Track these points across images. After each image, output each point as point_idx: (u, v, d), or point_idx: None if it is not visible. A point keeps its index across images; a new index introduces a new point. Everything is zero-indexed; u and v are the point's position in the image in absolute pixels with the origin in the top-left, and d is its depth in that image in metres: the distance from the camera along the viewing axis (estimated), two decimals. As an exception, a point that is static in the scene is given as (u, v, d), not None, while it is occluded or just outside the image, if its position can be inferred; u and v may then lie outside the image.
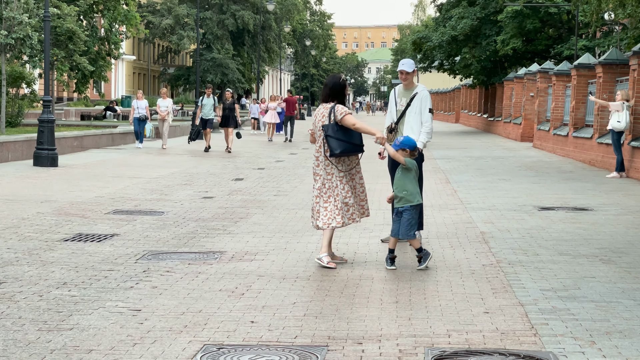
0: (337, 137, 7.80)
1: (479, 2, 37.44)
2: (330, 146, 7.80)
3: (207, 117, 24.32)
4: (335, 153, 7.80)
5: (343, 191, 7.90)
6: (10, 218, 10.53)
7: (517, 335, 5.53)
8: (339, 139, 7.80)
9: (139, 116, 25.36)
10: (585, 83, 22.18)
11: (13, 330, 5.54)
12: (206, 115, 24.31)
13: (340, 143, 7.80)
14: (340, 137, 7.81)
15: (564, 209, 11.94)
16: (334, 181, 7.91)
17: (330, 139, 7.81)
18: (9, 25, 22.23)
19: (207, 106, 24.34)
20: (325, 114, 7.96)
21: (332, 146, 7.79)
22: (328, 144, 7.84)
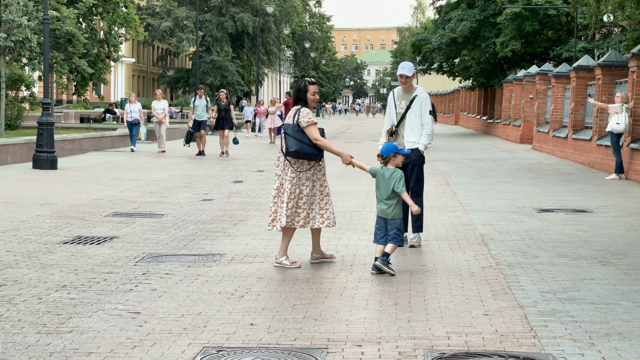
0: (294, 136, 7.79)
1: (478, 4, 37.48)
2: (287, 144, 7.79)
3: (200, 118, 23.68)
4: (290, 151, 7.76)
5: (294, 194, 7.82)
6: (10, 221, 10.53)
7: (517, 337, 5.53)
8: (296, 138, 7.78)
9: (132, 120, 24.80)
10: (585, 85, 22.20)
11: (12, 333, 5.54)
12: (199, 116, 23.67)
13: (297, 142, 7.77)
14: (297, 137, 7.79)
15: (564, 211, 11.95)
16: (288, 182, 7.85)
17: (287, 137, 7.81)
18: (8, 27, 22.23)
19: (200, 107, 23.67)
20: (291, 116, 8.00)
21: (288, 144, 7.77)
22: (285, 142, 7.83)
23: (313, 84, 8.06)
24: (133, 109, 24.90)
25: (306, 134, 7.80)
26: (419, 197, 9.24)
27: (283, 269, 7.83)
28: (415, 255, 8.60)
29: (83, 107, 48.73)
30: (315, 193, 7.95)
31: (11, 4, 22.24)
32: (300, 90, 8.05)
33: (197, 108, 23.60)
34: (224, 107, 23.74)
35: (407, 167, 9.16)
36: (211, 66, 70.30)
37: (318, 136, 7.82)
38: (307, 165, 7.88)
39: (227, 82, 72.06)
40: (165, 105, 25.33)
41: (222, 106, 23.76)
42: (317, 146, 7.85)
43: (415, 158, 9.12)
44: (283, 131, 7.95)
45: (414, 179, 9.17)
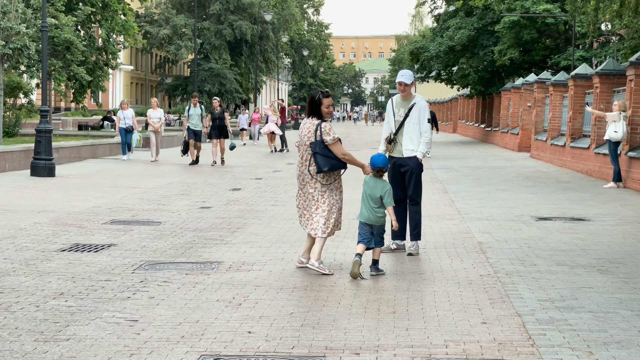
0: (324, 154, 7.97)
1: (476, 12, 37.55)
2: (319, 164, 7.98)
3: (194, 128, 22.74)
4: (323, 170, 7.97)
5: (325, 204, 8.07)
6: (7, 228, 10.52)
7: (515, 345, 5.52)
8: (325, 155, 7.97)
9: (126, 127, 24.05)
10: (583, 93, 22.23)
11: (10, 341, 5.52)
12: (194, 126, 22.74)
13: (327, 160, 7.97)
14: (326, 154, 7.98)
15: (562, 219, 11.95)
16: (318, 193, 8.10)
17: (318, 156, 7.97)
18: (6, 35, 22.24)
19: (194, 116, 22.77)
20: (312, 130, 8.08)
21: (320, 164, 7.96)
22: (316, 162, 8.00)
23: (327, 96, 8.19)
24: (126, 115, 24.21)
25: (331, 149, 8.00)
26: (416, 205, 9.25)
27: (280, 277, 7.82)
28: (414, 263, 8.59)
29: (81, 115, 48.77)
30: (338, 200, 8.19)
31: (10, 12, 22.25)
32: (314, 103, 8.15)
33: (191, 117, 22.76)
34: (218, 116, 23.01)
35: (405, 174, 9.17)
36: (209, 74, 70.35)
37: (345, 151, 8.07)
38: (334, 177, 8.13)
39: (225, 90, 72.09)
40: (161, 114, 24.74)
41: (216, 114, 23.02)
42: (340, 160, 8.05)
43: (413, 166, 9.13)
44: (311, 150, 8.04)
45: (412, 186, 9.17)
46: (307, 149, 8.13)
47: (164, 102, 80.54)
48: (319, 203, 8.12)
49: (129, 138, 24.18)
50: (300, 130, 8.25)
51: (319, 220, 8.08)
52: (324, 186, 8.09)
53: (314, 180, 8.11)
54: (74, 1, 34.78)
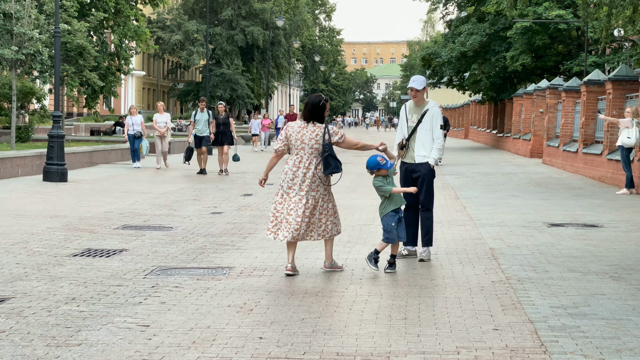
0: (334, 156, 8.18)
1: (488, 18, 37.50)
2: (331, 165, 8.14)
3: (201, 134, 21.78)
4: (336, 171, 8.18)
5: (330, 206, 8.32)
6: (20, 233, 10.56)
7: (527, 352, 5.49)
8: (336, 158, 8.19)
9: (134, 133, 23.35)
10: (595, 99, 22.15)
11: (22, 346, 5.53)
12: (200, 132, 21.77)
13: (338, 163, 8.21)
14: (335, 156, 8.21)
15: (574, 226, 11.90)
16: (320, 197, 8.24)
17: (330, 158, 8.13)
18: (19, 41, 22.36)
19: (201, 122, 21.79)
20: (320, 134, 8.19)
21: (333, 165, 8.15)
22: (328, 164, 8.14)
23: (327, 101, 8.43)
24: (135, 121, 23.56)
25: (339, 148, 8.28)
26: (428, 211, 9.23)
27: (291, 283, 7.82)
28: (425, 269, 8.57)
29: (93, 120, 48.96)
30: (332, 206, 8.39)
31: (23, 17, 22.37)
32: (318, 108, 8.27)
33: (198, 122, 21.82)
34: (223, 121, 21.78)
35: (417, 181, 9.16)
36: (221, 79, 70.53)
37: (357, 140, 8.54)
38: (336, 179, 8.46)
39: (236, 95, 72.24)
40: (168, 119, 23.77)
41: (221, 120, 21.80)
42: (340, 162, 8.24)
43: (425, 172, 9.11)
44: (325, 153, 8.15)
45: (423, 193, 9.15)
46: (313, 153, 8.18)
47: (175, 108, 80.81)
48: (327, 205, 8.27)
49: (137, 145, 23.58)
50: (296, 134, 8.21)
51: (328, 223, 8.26)
52: (327, 189, 8.27)
53: (317, 184, 8.19)
54: (87, 7, 34.95)
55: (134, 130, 23.30)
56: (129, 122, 23.63)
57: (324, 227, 8.24)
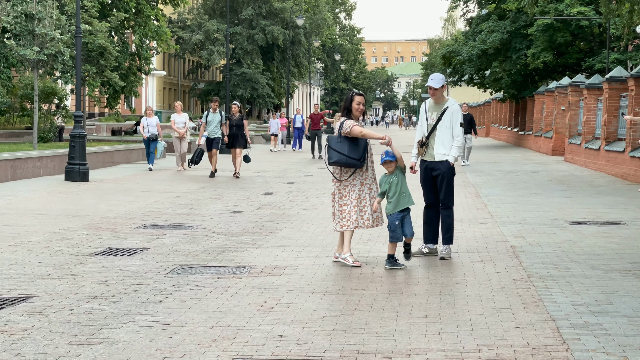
0: (335, 148, 8.57)
1: (509, 15, 37.31)
2: (328, 155, 8.66)
3: (212, 135, 20.52)
4: (330, 162, 8.64)
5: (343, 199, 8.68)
6: (42, 232, 10.63)
7: (549, 350, 5.45)
8: (336, 150, 8.56)
9: (150, 135, 22.56)
10: (617, 96, 21.97)
11: (44, 344, 5.57)
12: (212, 133, 20.51)
13: (336, 154, 8.57)
14: (338, 149, 8.57)
15: (596, 223, 11.81)
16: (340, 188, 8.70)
17: (329, 149, 8.62)
18: (41, 41, 22.50)
19: (213, 123, 20.49)
20: (336, 127, 8.79)
21: (329, 155, 8.64)
22: (327, 153, 8.68)
23: (360, 95, 8.78)
24: (150, 123, 22.70)
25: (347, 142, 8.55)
26: (448, 209, 9.19)
27: (312, 281, 7.82)
28: (446, 267, 8.54)
29: (115, 120, 49.20)
30: (365, 196, 8.65)
31: (44, 18, 22.52)
32: (347, 100, 8.79)
33: (209, 123, 20.53)
34: (236, 122, 20.28)
35: (437, 179, 9.13)
36: (241, 79, 70.67)
37: (361, 129, 8.59)
38: (348, 173, 8.64)
39: (257, 95, 72.36)
40: (186, 119, 22.95)
41: (234, 121, 20.30)
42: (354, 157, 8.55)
43: (444, 170, 9.08)
44: (327, 144, 8.71)
45: (443, 190, 9.12)
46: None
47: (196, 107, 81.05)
48: (337, 198, 8.72)
49: (152, 147, 22.74)
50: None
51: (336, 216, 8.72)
52: (336, 182, 8.69)
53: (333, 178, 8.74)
54: (107, 7, 35.12)
55: (149, 133, 22.57)
56: (144, 124, 22.90)
57: (335, 219, 8.75)
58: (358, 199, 8.60)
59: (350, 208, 8.58)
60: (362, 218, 8.60)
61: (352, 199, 8.59)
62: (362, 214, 8.60)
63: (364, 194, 8.64)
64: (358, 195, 8.61)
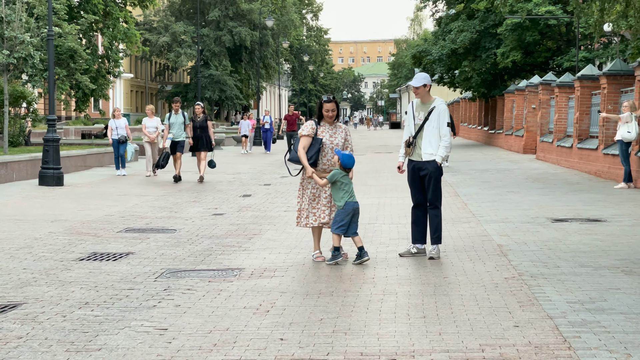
0: (294, 144, 9.06)
1: (478, 15, 37.51)
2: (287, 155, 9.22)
3: (176, 138, 19.53)
4: (287, 158, 9.17)
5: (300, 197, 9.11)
6: (23, 238, 10.47)
7: (551, 349, 5.46)
8: (294, 146, 9.03)
9: (118, 137, 21.72)
10: (589, 94, 22.19)
11: (41, 352, 5.47)
12: (176, 136, 19.52)
13: (293, 153, 9.02)
14: (295, 147, 9.02)
15: (578, 221, 11.89)
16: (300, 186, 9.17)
17: (293, 147, 9.08)
18: (11, 44, 22.20)
19: (176, 125, 19.53)
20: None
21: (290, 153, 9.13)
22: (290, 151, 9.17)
23: (330, 102, 8.98)
24: (119, 125, 21.92)
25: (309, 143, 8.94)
26: (436, 208, 9.19)
27: (304, 283, 7.78)
28: (436, 266, 8.54)
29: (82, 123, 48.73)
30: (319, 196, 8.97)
31: (13, 21, 22.22)
32: (318, 106, 9.14)
33: (172, 126, 19.53)
34: (200, 124, 19.43)
35: (425, 178, 9.12)
36: (210, 80, 70.39)
37: (299, 147, 8.92)
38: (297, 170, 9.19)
39: (225, 97, 72.11)
40: (158, 123, 22.04)
41: (198, 123, 19.45)
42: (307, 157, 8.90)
43: (432, 170, 9.07)
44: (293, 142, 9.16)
45: (431, 190, 9.11)
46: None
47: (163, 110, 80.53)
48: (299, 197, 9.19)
49: (122, 150, 21.82)
50: None
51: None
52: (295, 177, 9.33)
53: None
54: (75, 10, 34.78)
55: (118, 135, 21.76)
56: (112, 126, 22.08)
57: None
58: (312, 197, 8.94)
59: (302, 207, 8.99)
60: (315, 215, 8.93)
61: (306, 197, 8.98)
62: (314, 211, 8.93)
63: (318, 192, 8.96)
64: (312, 194, 8.94)
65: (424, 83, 9.16)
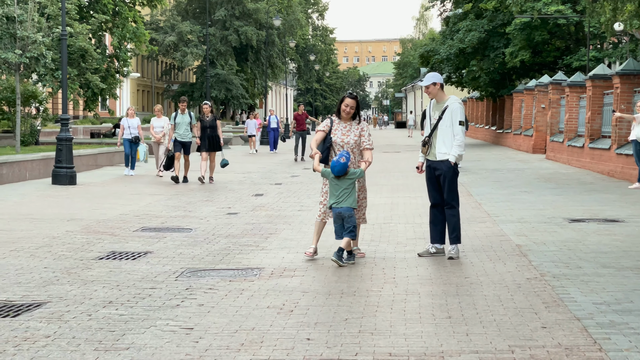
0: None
1: (486, 14, 37.47)
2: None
3: (182, 139, 18.86)
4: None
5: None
6: (41, 237, 10.47)
7: (582, 350, 5.44)
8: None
9: (131, 137, 21.19)
10: (601, 94, 22.12)
11: (70, 351, 5.46)
12: (182, 136, 18.86)
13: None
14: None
15: (595, 221, 11.85)
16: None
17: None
18: (23, 44, 22.22)
19: (182, 125, 18.86)
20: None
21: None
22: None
23: (351, 98, 9.12)
24: (132, 124, 21.38)
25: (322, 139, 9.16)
26: (453, 208, 9.12)
27: (325, 283, 7.77)
28: (456, 267, 8.52)
29: (90, 123, 48.77)
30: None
31: (26, 21, 22.24)
32: (339, 101, 9.24)
33: (179, 126, 18.84)
34: (209, 124, 18.79)
35: (440, 178, 9.10)
36: (216, 80, 70.41)
37: (313, 139, 9.24)
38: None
39: (231, 96, 72.15)
40: (166, 123, 21.07)
41: (207, 122, 18.80)
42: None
43: (445, 170, 9.03)
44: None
45: (446, 190, 9.08)
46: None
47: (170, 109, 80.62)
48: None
49: (134, 150, 21.30)
50: None
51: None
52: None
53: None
54: (84, 10, 34.81)
55: (131, 135, 21.21)
56: (124, 125, 21.45)
57: None
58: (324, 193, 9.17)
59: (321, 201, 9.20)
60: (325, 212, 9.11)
61: (323, 193, 9.19)
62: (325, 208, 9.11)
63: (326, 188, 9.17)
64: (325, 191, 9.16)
65: (433, 81, 9.10)
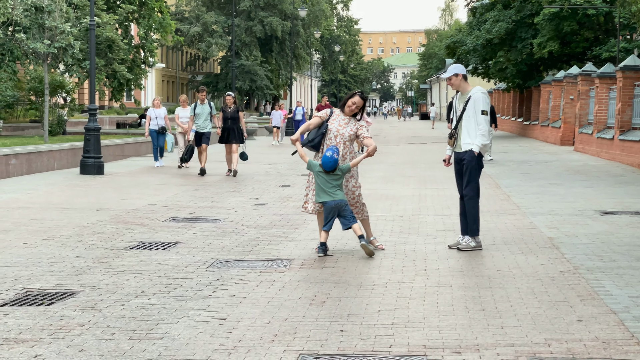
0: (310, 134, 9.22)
1: (514, 5, 37.14)
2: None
3: (202, 129, 18.63)
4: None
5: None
6: (71, 226, 10.52)
7: (620, 344, 5.37)
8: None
9: (157, 128, 20.79)
10: (632, 85, 21.86)
11: (105, 339, 5.47)
12: (201, 127, 18.60)
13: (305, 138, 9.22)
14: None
15: (627, 214, 11.72)
16: None
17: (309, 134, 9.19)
18: (51, 34, 22.33)
19: (202, 116, 18.60)
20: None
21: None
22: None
23: (360, 97, 9.01)
24: (158, 115, 20.89)
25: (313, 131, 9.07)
26: (470, 199, 8.98)
27: (356, 274, 7.73)
28: (488, 259, 8.45)
29: (116, 113, 49.02)
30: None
31: (54, 11, 22.35)
32: (346, 96, 9.14)
33: (198, 117, 18.58)
34: (231, 115, 18.30)
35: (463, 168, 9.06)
36: (240, 70, 70.44)
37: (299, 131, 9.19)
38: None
39: (256, 87, 72.17)
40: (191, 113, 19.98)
41: (229, 114, 18.31)
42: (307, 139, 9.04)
43: (468, 160, 8.95)
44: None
45: (465, 181, 9.00)
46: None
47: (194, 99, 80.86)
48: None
49: (161, 141, 20.91)
50: None
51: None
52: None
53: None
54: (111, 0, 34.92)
55: (157, 125, 20.83)
56: (151, 115, 20.96)
57: None
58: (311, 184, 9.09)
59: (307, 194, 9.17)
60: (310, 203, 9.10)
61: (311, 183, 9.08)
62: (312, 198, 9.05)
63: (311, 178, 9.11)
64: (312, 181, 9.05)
65: (455, 73, 9.02)
